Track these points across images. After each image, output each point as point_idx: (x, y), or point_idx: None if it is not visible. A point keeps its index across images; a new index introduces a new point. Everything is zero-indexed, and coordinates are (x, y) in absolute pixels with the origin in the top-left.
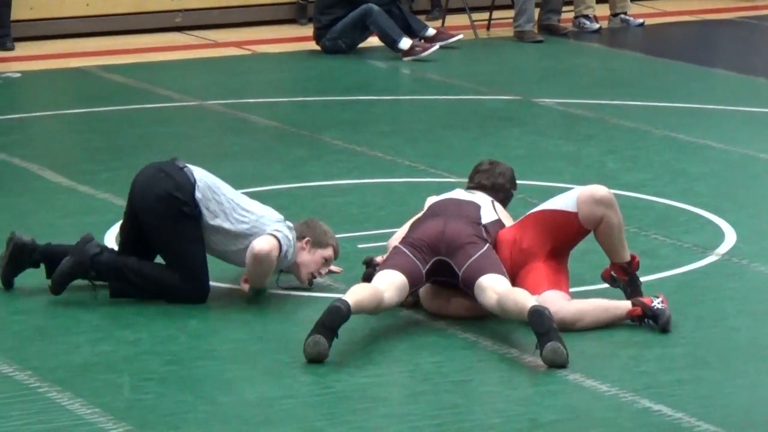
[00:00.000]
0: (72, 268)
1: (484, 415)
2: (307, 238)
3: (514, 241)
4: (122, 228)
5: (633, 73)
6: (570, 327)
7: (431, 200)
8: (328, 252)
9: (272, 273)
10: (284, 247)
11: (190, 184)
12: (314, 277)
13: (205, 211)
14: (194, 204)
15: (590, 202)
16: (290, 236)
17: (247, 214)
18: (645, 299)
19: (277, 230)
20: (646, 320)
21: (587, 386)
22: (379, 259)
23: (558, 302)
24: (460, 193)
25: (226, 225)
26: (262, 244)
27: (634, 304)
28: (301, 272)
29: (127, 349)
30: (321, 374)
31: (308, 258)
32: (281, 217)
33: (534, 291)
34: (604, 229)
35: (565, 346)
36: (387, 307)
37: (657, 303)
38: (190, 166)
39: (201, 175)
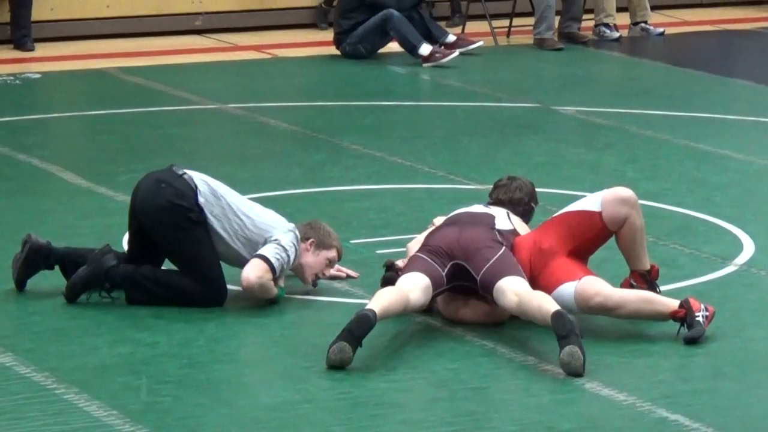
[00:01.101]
0: (87, 279)
1: (501, 422)
2: (311, 240)
3: (534, 243)
4: (129, 241)
5: (653, 82)
6: (610, 311)
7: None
8: (332, 253)
9: (274, 288)
10: (278, 267)
11: (192, 190)
12: (318, 278)
13: (209, 216)
14: (199, 209)
15: (615, 201)
16: (291, 244)
17: (249, 220)
18: (694, 304)
19: (275, 247)
20: (684, 324)
21: (604, 395)
22: (399, 262)
23: (599, 284)
24: (475, 207)
25: (229, 230)
26: (249, 273)
27: (681, 306)
28: (305, 273)
29: (144, 352)
30: (338, 379)
31: (312, 259)
32: (284, 222)
33: (570, 278)
34: (627, 232)
35: (583, 351)
36: (413, 308)
37: (701, 315)
38: (188, 171)
39: (202, 180)
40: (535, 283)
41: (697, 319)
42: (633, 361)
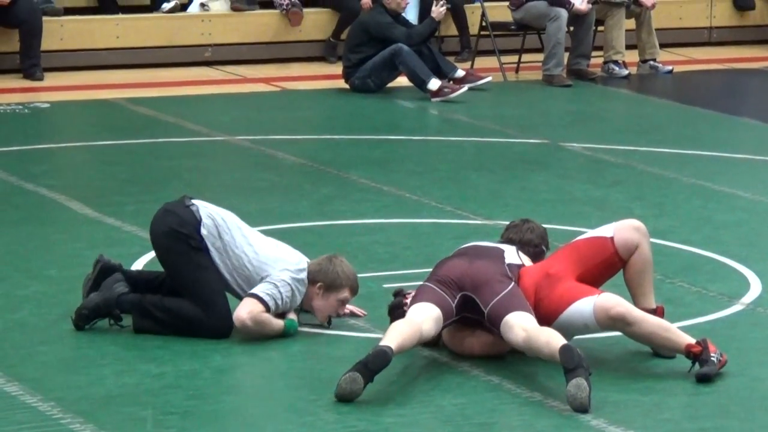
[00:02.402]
0: (97, 305)
1: None
2: (319, 284)
3: (540, 269)
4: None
5: (661, 119)
6: (628, 325)
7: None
8: (344, 294)
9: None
10: (270, 303)
11: (195, 220)
12: (332, 318)
13: (211, 248)
14: (200, 238)
15: (628, 227)
16: (284, 282)
17: (249, 257)
18: (710, 345)
19: (266, 284)
20: (696, 362)
21: None
22: (409, 291)
23: (619, 297)
24: (484, 242)
25: (229, 265)
26: (239, 311)
27: (698, 343)
28: (317, 315)
29: (150, 383)
30: (344, 413)
31: (322, 303)
32: (290, 258)
33: (587, 295)
34: (637, 261)
35: (590, 384)
36: (425, 339)
37: (716, 356)
38: (198, 203)
39: (209, 213)
40: (539, 308)
41: (711, 358)
42: (639, 399)
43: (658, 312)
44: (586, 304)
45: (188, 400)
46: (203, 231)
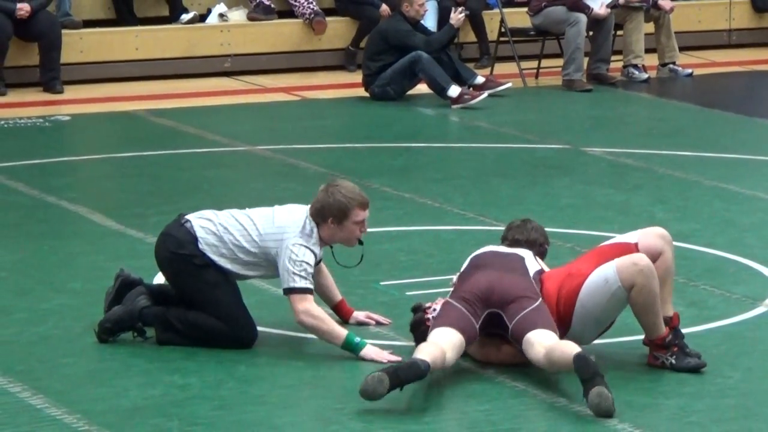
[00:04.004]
0: (120, 318)
1: None
2: (329, 219)
3: (564, 271)
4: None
5: (682, 123)
6: (650, 279)
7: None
8: (357, 216)
9: (330, 326)
10: (309, 282)
11: (192, 238)
12: (360, 238)
13: (216, 258)
14: (201, 254)
15: (653, 234)
16: (297, 250)
17: (252, 244)
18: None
19: (288, 269)
20: (674, 343)
21: None
22: (427, 304)
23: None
24: (500, 248)
25: (240, 263)
26: (297, 317)
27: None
28: (347, 245)
29: (176, 394)
30: (369, 421)
31: (342, 234)
32: (292, 224)
33: (603, 263)
34: (659, 269)
35: (610, 391)
36: (447, 367)
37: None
38: (192, 217)
39: (202, 224)
40: (560, 301)
41: (689, 347)
42: (664, 402)
43: (674, 319)
44: (608, 268)
45: (214, 411)
46: (202, 246)
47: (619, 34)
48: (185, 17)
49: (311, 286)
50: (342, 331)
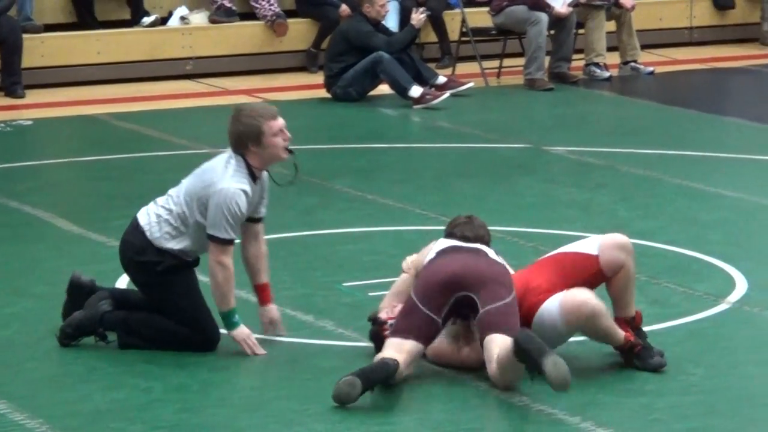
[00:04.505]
0: (81, 323)
1: None
2: (249, 145)
3: (523, 281)
4: None
5: (644, 121)
6: (599, 318)
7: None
8: (272, 128)
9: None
10: (231, 233)
11: (147, 242)
12: (288, 148)
13: (168, 244)
14: (162, 254)
15: (614, 246)
16: (237, 194)
17: (192, 207)
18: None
19: (215, 215)
20: (636, 349)
21: None
22: (383, 315)
23: (587, 292)
24: (455, 241)
25: (189, 237)
26: (210, 266)
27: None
28: (280, 160)
29: (139, 397)
30: (333, 422)
31: (268, 152)
32: (216, 171)
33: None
34: (621, 278)
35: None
36: (401, 377)
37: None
38: (140, 215)
39: (147, 212)
40: (520, 315)
41: (650, 344)
42: (627, 400)
43: (636, 318)
44: (552, 304)
45: (177, 414)
46: (151, 237)
47: (581, 33)
48: (147, 20)
49: (234, 237)
50: (231, 302)
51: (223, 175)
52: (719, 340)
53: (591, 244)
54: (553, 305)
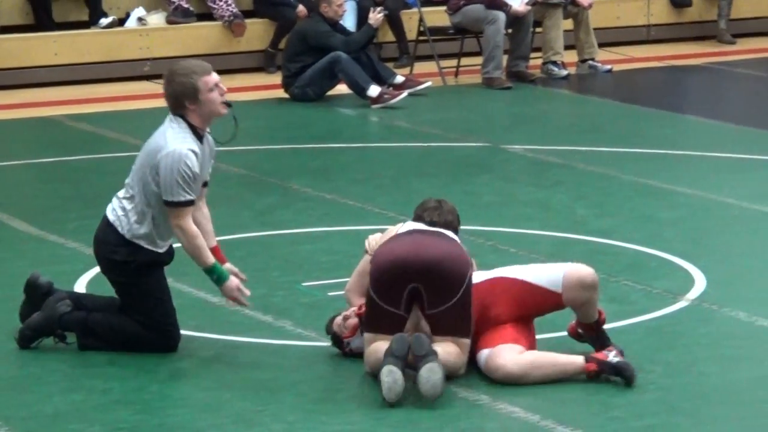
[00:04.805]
0: (39, 325)
1: None
2: (187, 103)
3: (482, 304)
4: None
5: (601, 119)
6: (517, 380)
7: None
8: (206, 84)
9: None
10: (187, 196)
11: (119, 237)
12: (226, 101)
13: (145, 232)
14: (134, 249)
15: (578, 287)
16: (185, 156)
17: (147, 183)
18: (598, 354)
19: (168, 181)
20: (604, 376)
21: None
22: (339, 319)
23: (507, 355)
24: (420, 225)
25: (157, 221)
26: (176, 233)
27: (587, 360)
28: (215, 113)
29: (98, 398)
30: (290, 422)
31: (206, 109)
32: (160, 139)
33: (490, 345)
34: (585, 309)
35: (443, 370)
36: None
37: (612, 356)
38: (108, 210)
39: (112, 209)
40: (473, 343)
41: (614, 361)
42: (586, 398)
43: (600, 319)
44: (482, 356)
45: (136, 415)
46: (122, 231)
47: (538, 31)
48: (104, 21)
49: (190, 198)
50: (207, 259)
51: (168, 139)
52: (677, 337)
53: (555, 279)
54: (482, 357)
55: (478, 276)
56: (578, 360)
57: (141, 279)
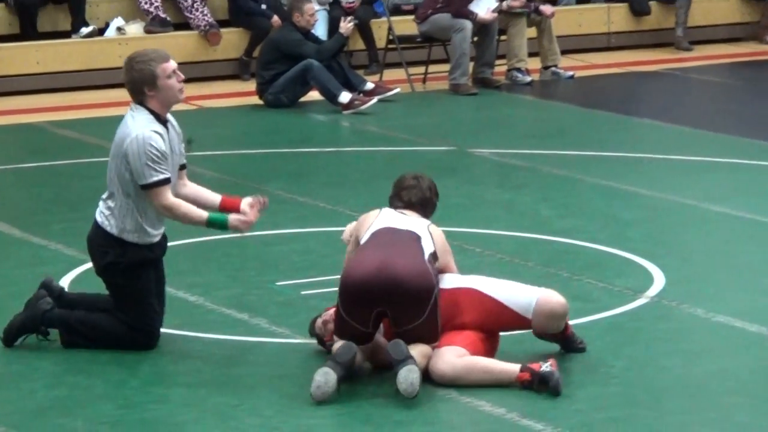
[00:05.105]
0: (23, 323)
1: None
2: (146, 89)
3: (451, 312)
4: None
5: (564, 123)
6: (450, 382)
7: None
8: (165, 71)
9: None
10: (162, 175)
11: (109, 236)
12: (180, 80)
13: (133, 225)
14: (124, 248)
15: (549, 317)
16: (149, 138)
17: (123, 174)
18: (533, 365)
19: (139, 165)
20: (535, 385)
21: (524, 425)
22: (319, 322)
23: (445, 356)
24: (394, 218)
25: (145, 213)
26: (161, 213)
27: (522, 370)
28: (176, 101)
29: (80, 394)
30: (267, 417)
31: (165, 94)
32: (124, 129)
33: (439, 346)
34: (553, 330)
35: (420, 373)
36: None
37: (545, 366)
38: (97, 212)
39: (100, 211)
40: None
41: (543, 371)
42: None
43: (566, 330)
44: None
45: (117, 410)
46: (110, 230)
47: (503, 39)
48: (84, 31)
49: (164, 175)
50: (202, 215)
51: (130, 126)
52: (638, 333)
53: (527, 303)
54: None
55: (452, 280)
56: (514, 369)
57: (131, 281)
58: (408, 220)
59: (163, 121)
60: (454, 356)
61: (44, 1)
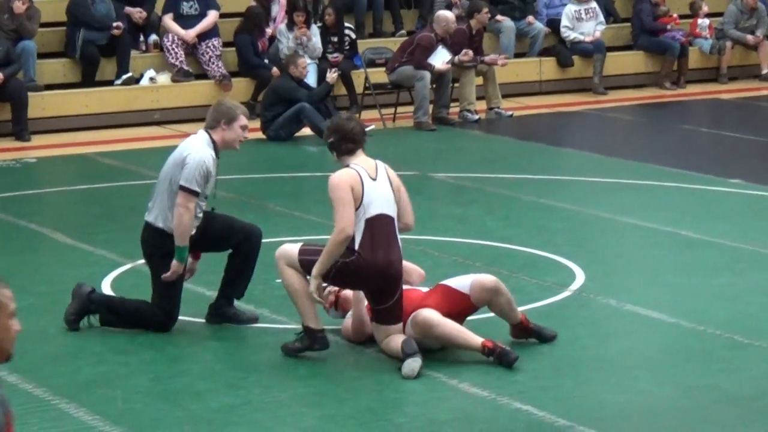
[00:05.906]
0: (78, 309)
1: (394, 416)
2: (222, 121)
3: (419, 304)
4: None
5: (505, 153)
6: (430, 327)
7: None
8: (242, 121)
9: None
10: (198, 184)
11: (157, 230)
12: (241, 139)
13: (166, 218)
14: (165, 238)
15: (479, 289)
16: (199, 159)
17: (170, 185)
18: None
19: (185, 173)
20: (495, 355)
21: (472, 392)
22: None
23: (427, 312)
24: (377, 193)
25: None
26: (177, 210)
27: (487, 340)
28: (231, 147)
29: (119, 370)
30: (268, 386)
31: (230, 135)
32: (189, 145)
33: (445, 302)
34: (496, 305)
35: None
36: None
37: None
38: (147, 215)
39: (154, 216)
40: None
41: (507, 348)
42: (492, 368)
43: (522, 321)
44: (410, 319)
45: (149, 382)
46: (165, 225)
47: (456, 86)
48: (123, 77)
49: (198, 190)
50: (186, 240)
51: (194, 146)
52: (564, 319)
53: (465, 283)
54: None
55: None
56: (479, 339)
57: (168, 265)
58: (384, 191)
59: (216, 153)
60: (432, 312)
61: (105, 55)
